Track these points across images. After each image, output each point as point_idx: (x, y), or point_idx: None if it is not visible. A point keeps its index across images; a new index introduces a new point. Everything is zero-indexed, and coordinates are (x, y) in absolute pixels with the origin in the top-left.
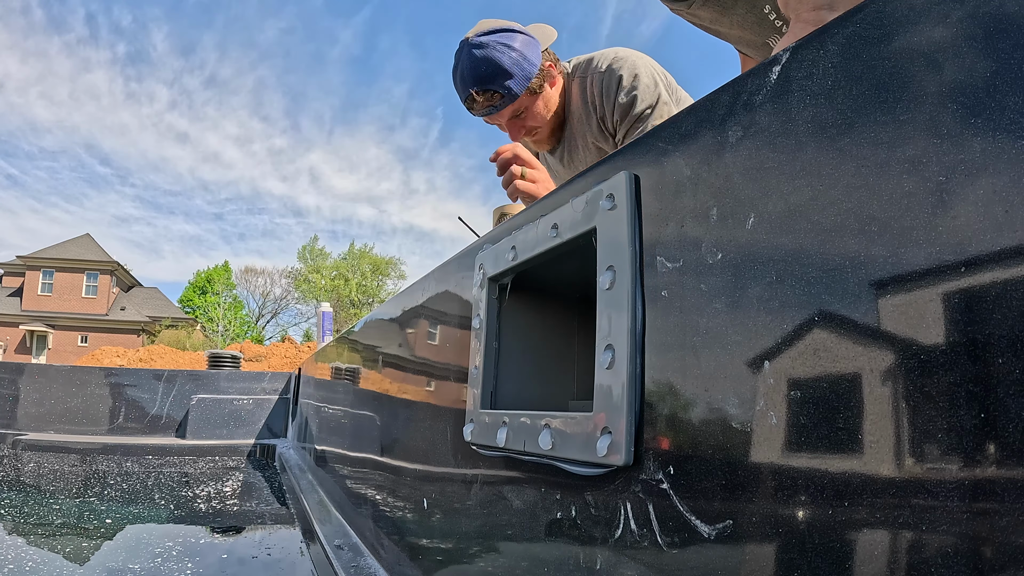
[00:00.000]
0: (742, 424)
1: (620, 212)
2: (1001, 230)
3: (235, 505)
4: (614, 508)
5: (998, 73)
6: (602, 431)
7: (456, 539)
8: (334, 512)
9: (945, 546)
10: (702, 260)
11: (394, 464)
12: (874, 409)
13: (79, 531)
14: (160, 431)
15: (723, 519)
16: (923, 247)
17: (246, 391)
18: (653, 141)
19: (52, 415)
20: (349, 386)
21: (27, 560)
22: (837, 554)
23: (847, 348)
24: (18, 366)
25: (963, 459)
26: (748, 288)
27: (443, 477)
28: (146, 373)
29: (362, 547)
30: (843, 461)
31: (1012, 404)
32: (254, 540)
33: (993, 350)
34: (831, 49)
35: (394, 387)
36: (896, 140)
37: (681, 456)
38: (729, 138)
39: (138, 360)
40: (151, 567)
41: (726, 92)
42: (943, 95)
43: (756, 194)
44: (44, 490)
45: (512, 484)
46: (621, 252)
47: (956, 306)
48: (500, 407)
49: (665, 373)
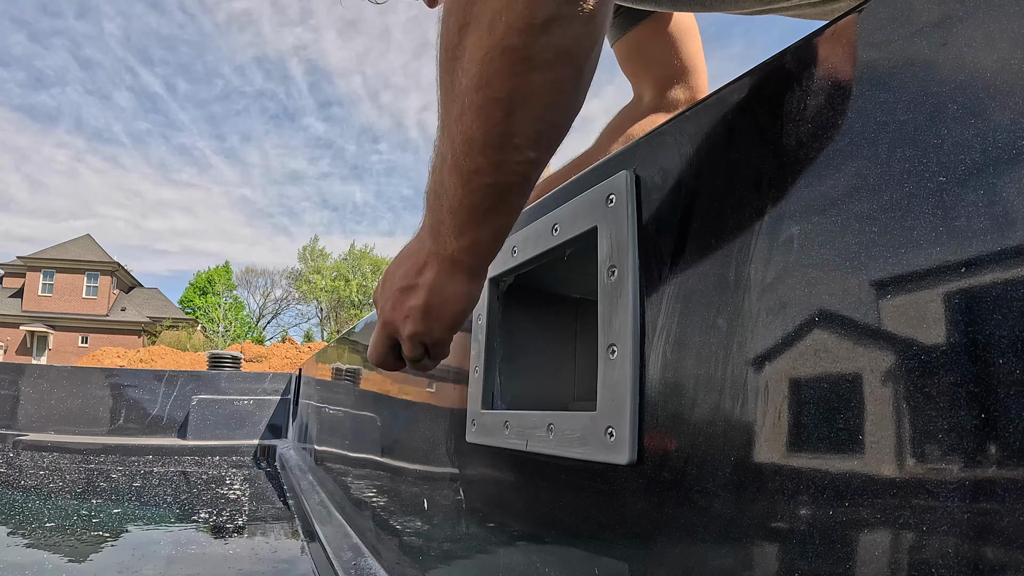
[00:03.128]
0: (744, 422)
1: (621, 211)
2: (1001, 230)
3: (236, 505)
4: (618, 507)
5: (998, 73)
6: (605, 430)
7: (457, 540)
8: (335, 512)
9: (945, 546)
10: (703, 259)
11: (395, 465)
12: (874, 409)
13: (79, 532)
14: (161, 432)
15: (726, 517)
16: (923, 247)
17: (247, 392)
18: (654, 140)
19: (53, 416)
20: (350, 387)
21: (28, 560)
22: (838, 553)
23: (847, 348)
24: (19, 367)
25: (963, 459)
26: (749, 287)
27: (444, 477)
28: (147, 374)
29: (362, 547)
30: (844, 460)
31: (1012, 404)
32: (255, 540)
33: (993, 350)
34: (831, 49)
35: (395, 388)
36: (896, 140)
37: (684, 454)
38: (730, 137)
39: (139, 361)
40: (152, 567)
41: (727, 92)
42: (943, 95)
43: (756, 193)
44: (45, 491)
45: (514, 484)
46: (622, 251)
47: (956, 306)
48: (501, 407)
49: (667, 372)
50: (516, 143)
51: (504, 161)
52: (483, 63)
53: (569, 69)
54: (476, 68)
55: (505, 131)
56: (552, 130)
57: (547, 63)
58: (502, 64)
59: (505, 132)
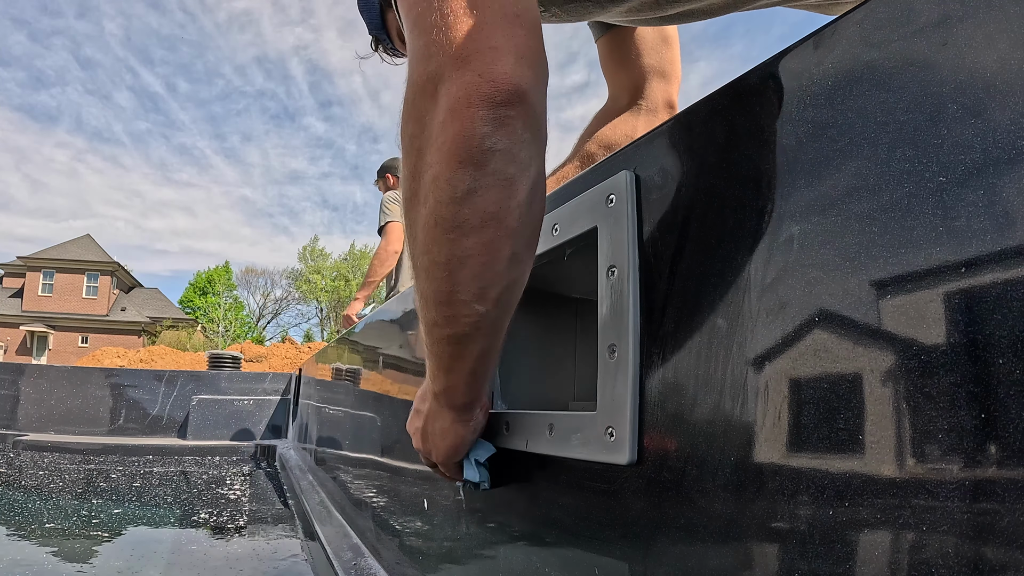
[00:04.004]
0: (744, 422)
1: (621, 211)
2: (1001, 230)
3: (236, 505)
4: (618, 507)
5: (998, 73)
6: (606, 430)
7: (457, 540)
8: (335, 512)
9: (945, 546)
10: (703, 259)
11: (395, 465)
12: (874, 409)
13: (79, 532)
14: (161, 432)
15: (726, 517)
16: (923, 247)
17: (247, 392)
18: (654, 140)
19: (53, 416)
20: (350, 387)
21: (28, 560)
22: (838, 553)
23: (847, 348)
24: (19, 367)
25: (963, 459)
26: (749, 287)
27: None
28: (147, 374)
29: (362, 547)
30: (844, 460)
31: (1012, 404)
32: (255, 540)
33: (993, 350)
34: (831, 49)
35: (395, 388)
36: (896, 140)
37: (684, 454)
38: (730, 137)
39: (139, 361)
40: (151, 567)
41: (727, 91)
42: (943, 95)
43: (756, 193)
44: (45, 491)
45: (515, 484)
46: (622, 251)
47: (956, 306)
48: (501, 407)
49: (667, 372)
50: (462, 299)
51: (454, 315)
52: (424, 231)
53: (499, 230)
54: (420, 235)
55: (450, 289)
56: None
57: (475, 228)
58: (437, 232)
59: (451, 290)
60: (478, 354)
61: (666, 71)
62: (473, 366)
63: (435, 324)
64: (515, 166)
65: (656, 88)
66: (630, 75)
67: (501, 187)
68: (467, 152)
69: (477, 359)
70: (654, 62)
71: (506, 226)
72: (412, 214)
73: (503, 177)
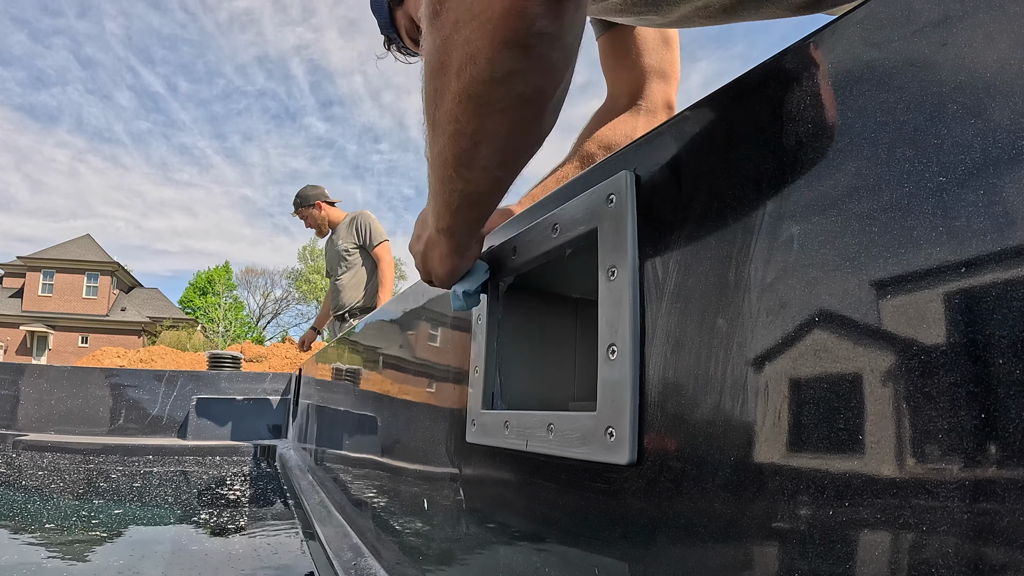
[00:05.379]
0: (744, 422)
1: (621, 211)
2: (1001, 230)
3: (236, 505)
4: (618, 507)
5: (998, 73)
6: (605, 430)
7: (457, 540)
8: (334, 512)
9: (945, 546)
10: (702, 259)
11: (395, 465)
12: (874, 409)
13: (79, 531)
14: (161, 432)
15: (726, 517)
16: (923, 247)
17: (247, 392)
18: (654, 141)
19: (53, 416)
20: (350, 387)
21: (28, 560)
22: (838, 553)
23: (847, 348)
24: (18, 367)
25: (963, 459)
26: (749, 287)
27: (444, 477)
28: (147, 374)
29: (362, 547)
30: (844, 460)
31: (1012, 404)
32: (255, 540)
33: (993, 350)
34: (832, 49)
35: (394, 388)
36: (896, 140)
37: (684, 454)
38: (730, 137)
39: (139, 361)
40: (152, 567)
41: (727, 91)
42: (943, 95)
43: (756, 193)
44: (45, 491)
45: (514, 484)
46: (622, 251)
47: (956, 306)
48: (501, 407)
49: (667, 372)
50: (483, 166)
51: (472, 177)
52: (452, 103)
53: (531, 112)
54: (447, 106)
55: (473, 156)
56: (516, 156)
57: (508, 108)
58: (467, 107)
59: (473, 156)
60: (486, 205)
61: (666, 72)
62: (479, 214)
63: (450, 179)
64: (560, 51)
65: (656, 88)
66: (630, 75)
67: (543, 72)
68: (515, 33)
69: (484, 208)
70: (655, 62)
71: (540, 108)
72: (438, 83)
73: (547, 63)
